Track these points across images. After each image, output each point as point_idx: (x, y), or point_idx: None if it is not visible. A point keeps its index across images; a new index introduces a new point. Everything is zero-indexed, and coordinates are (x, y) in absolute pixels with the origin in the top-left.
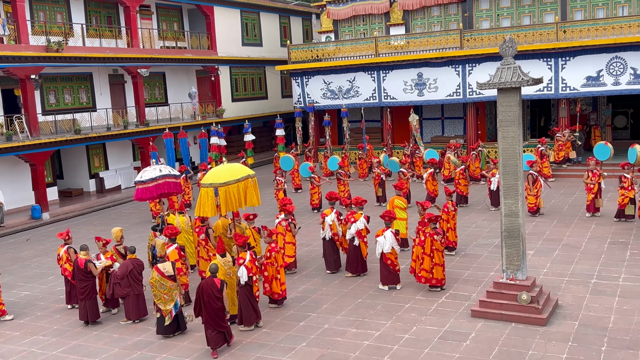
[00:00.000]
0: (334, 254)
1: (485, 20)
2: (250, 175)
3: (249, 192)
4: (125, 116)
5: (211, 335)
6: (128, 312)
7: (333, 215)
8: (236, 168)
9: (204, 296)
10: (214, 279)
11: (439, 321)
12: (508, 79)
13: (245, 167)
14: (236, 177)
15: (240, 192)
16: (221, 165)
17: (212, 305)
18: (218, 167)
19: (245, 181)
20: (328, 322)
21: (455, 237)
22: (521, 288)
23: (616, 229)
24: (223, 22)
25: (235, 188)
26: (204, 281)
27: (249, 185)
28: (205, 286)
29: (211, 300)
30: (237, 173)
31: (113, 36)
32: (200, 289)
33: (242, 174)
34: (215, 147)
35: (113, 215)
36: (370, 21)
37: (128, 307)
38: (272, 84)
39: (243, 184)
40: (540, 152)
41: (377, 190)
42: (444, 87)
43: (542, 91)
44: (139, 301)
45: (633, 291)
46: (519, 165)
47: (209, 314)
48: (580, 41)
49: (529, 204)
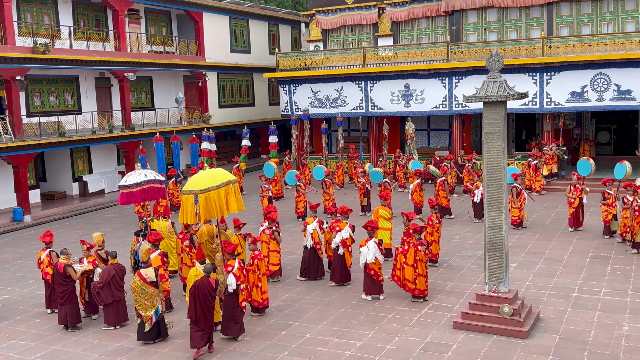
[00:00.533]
0: (315, 263)
1: (472, 34)
2: (232, 180)
3: (230, 198)
4: (111, 120)
5: (197, 335)
6: (108, 318)
7: (315, 223)
8: (217, 174)
9: (199, 295)
10: (209, 279)
11: (421, 332)
12: (494, 92)
13: (227, 172)
14: (216, 183)
15: (222, 198)
16: (203, 171)
17: (207, 304)
18: (199, 173)
19: (226, 187)
20: (310, 331)
21: (438, 250)
22: (503, 300)
23: (598, 244)
24: (212, 28)
25: (215, 194)
26: (199, 281)
27: (230, 191)
28: (201, 285)
29: (207, 299)
30: (217, 179)
31: (101, 39)
32: (196, 289)
33: (223, 180)
34: (206, 152)
35: (96, 219)
36: (358, 31)
37: (108, 312)
38: (259, 91)
39: (224, 189)
40: (535, 165)
41: (362, 199)
42: (431, 99)
43: (527, 105)
44: (120, 307)
45: (614, 306)
46: (504, 178)
47: (203, 312)
48: (565, 57)
49: (512, 216)
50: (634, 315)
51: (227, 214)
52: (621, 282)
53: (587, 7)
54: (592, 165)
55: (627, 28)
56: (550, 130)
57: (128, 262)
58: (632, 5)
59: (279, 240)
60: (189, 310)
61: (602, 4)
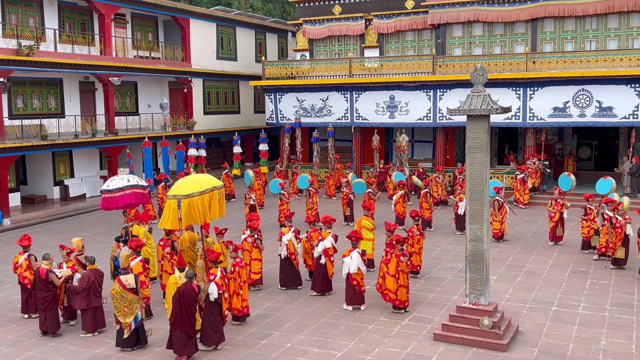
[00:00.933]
0: (291, 272)
1: (457, 47)
2: (217, 186)
3: (213, 205)
4: (94, 124)
5: (181, 341)
6: (86, 324)
7: (290, 234)
8: (202, 179)
9: (184, 301)
10: (192, 284)
11: (402, 343)
12: (478, 106)
13: (213, 178)
14: (201, 189)
15: (205, 204)
16: (188, 176)
17: (192, 309)
18: (185, 178)
19: (210, 193)
20: (290, 341)
21: (420, 261)
22: (483, 313)
23: (577, 258)
24: (198, 34)
25: (199, 200)
26: (182, 287)
27: (214, 197)
28: (185, 291)
29: (191, 304)
30: (202, 184)
31: (86, 43)
32: (181, 295)
33: (208, 186)
34: (193, 158)
35: (76, 224)
36: (345, 42)
37: (86, 319)
38: (245, 99)
39: (208, 196)
40: (522, 179)
41: (345, 209)
42: (415, 111)
43: (510, 119)
44: (97, 313)
45: (592, 320)
46: (486, 191)
47: (188, 318)
48: (548, 72)
49: (493, 229)
50: (611, 330)
51: (209, 221)
52: (600, 296)
53: (570, 24)
54: (572, 180)
55: (609, 45)
56: (533, 144)
57: (108, 267)
58: (614, 24)
59: (261, 248)
60: (174, 317)
61: (586, 21)
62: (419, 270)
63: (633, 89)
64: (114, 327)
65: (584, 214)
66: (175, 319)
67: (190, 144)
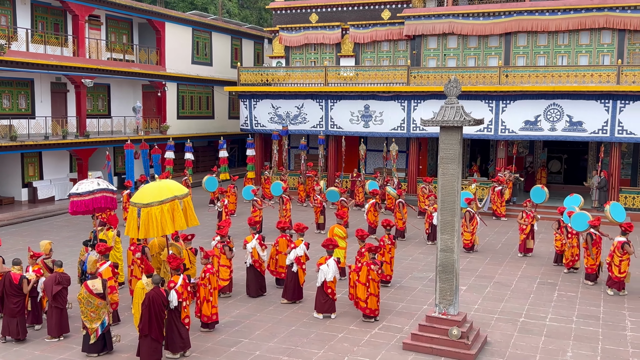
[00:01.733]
0: (255, 280)
1: (432, 59)
2: (178, 195)
3: (176, 215)
4: (65, 126)
5: (150, 349)
6: (51, 329)
7: (254, 241)
8: (164, 187)
9: (154, 307)
10: (161, 289)
11: (371, 352)
12: (451, 117)
13: (178, 185)
14: (160, 199)
15: (165, 215)
16: (153, 182)
17: (161, 314)
18: (149, 184)
19: (171, 203)
20: (260, 348)
21: (391, 271)
22: (452, 323)
23: (546, 270)
24: (174, 38)
25: (157, 210)
26: (151, 292)
27: (176, 207)
28: (155, 297)
29: (161, 310)
30: (163, 193)
31: (59, 43)
32: (150, 301)
33: (168, 195)
34: (170, 161)
35: (44, 226)
36: (321, 50)
37: (51, 323)
38: (219, 104)
39: (168, 205)
40: (499, 191)
41: (318, 217)
42: (389, 121)
43: (483, 132)
44: (62, 317)
45: (559, 331)
46: (457, 202)
47: (158, 324)
48: (521, 86)
49: (464, 240)
50: (578, 341)
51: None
52: (567, 308)
53: (543, 39)
54: (546, 193)
55: (580, 61)
56: (504, 157)
57: (75, 272)
58: (586, 40)
59: (228, 255)
60: (143, 324)
61: (558, 36)
62: (390, 280)
63: (602, 104)
64: (80, 332)
65: (558, 227)
66: (144, 325)
67: (167, 147)
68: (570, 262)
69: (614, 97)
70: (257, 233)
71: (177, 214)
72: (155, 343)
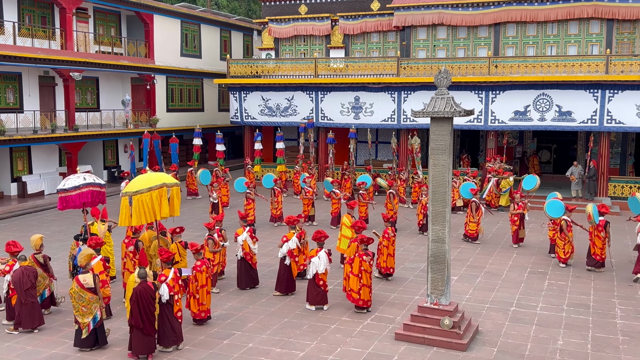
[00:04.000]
0: (247, 273)
1: (422, 50)
2: (167, 183)
3: (163, 202)
4: (54, 120)
5: (141, 342)
6: (22, 321)
7: (245, 234)
8: (153, 177)
9: (142, 301)
10: (148, 283)
11: (364, 343)
12: (441, 108)
13: (166, 175)
14: (148, 186)
15: (154, 200)
16: (145, 174)
17: (150, 309)
18: (139, 176)
19: (159, 190)
20: (253, 341)
21: (393, 263)
22: (444, 313)
23: (536, 259)
24: (162, 31)
25: (147, 197)
26: (138, 287)
27: (163, 193)
28: (142, 291)
29: (149, 304)
30: (151, 181)
31: (46, 37)
32: (138, 296)
33: (157, 182)
34: (197, 147)
35: (34, 221)
36: (311, 42)
37: (25, 317)
38: (209, 97)
39: (157, 192)
40: (496, 181)
41: (310, 209)
42: (380, 112)
43: (473, 122)
44: (34, 310)
45: (549, 320)
46: (448, 192)
47: (147, 318)
48: (510, 76)
49: (469, 230)
50: (568, 330)
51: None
52: (557, 297)
53: (532, 29)
54: (537, 180)
55: (569, 51)
56: (494, 147)
57: (67, 266)
58: (574, 30)
59: (211, 248)
60: (134, 318)
61: (547, 27)
62: (393, 273)
63: (591, 94)
64: (73, 327)
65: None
66: (136, 320)
67: (196, 134)
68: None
69: (602, 87)
70: (249, 226)
71: (164, 201)
72: (148, 337)
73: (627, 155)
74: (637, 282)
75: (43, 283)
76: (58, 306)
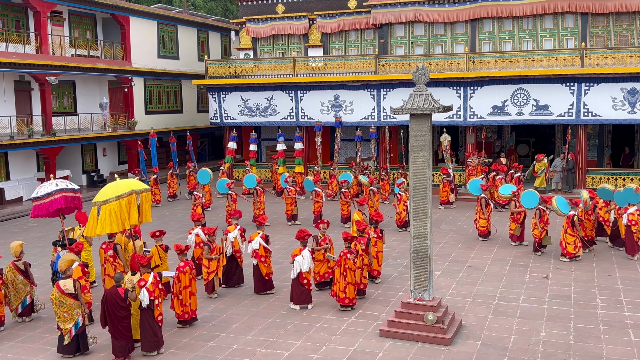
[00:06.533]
0: (233, 270)
1: (399, 47)
2: (136, 190)
3: (132, 209)
4: (31, 125)
5: (116, 345)
6: None
7: (236, 232)
8: (121, 184)
9: (108, 305)
10: (118, 288)
11: (348, 341)
12: (420, 105)
13: (136, 182)
14: (117, 194)
15: (123, 209)
16: (115, 181)
17: (117, 314)
18: (108, 184)
19: (128, 197)
20: (237, 342)
21: (379, 265)
22: (428, 308)
23: (517, 252)
24: (139, 33)
25: (116, 205)
26: (107, 291)
27: (132, 201)
28: (109, 296)
29: (115, 309)
30: (120, 189)
31: (21, 41)
32: (105, 299)
33: (125, 190)
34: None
35: (13, 228)
36: (289, 41)
37: None
38: (187, 98)
39: (125, 200)
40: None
41: (293, 208)
42: (360, 110)
43: (452, 118)
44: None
45: (532, 312)
46: (429, 188)
47: (112, 323)
48: (487, 72)
49: (480, 227)
50: (550, 321)
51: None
52: (539, 289)
53: (508, 24)
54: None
55: (545, 45)
56: (473, 142)
57: (48, 272)
58: (550, 24)
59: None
60: (100, 319)
61: (523, 22)
62: (378, 276)
63: (568, 87)
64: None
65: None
66: (102, 321)
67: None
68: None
69: (578, 80)
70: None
71: (133, 208)
72: (117, 341)
73: (604, 147)
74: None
75: (24, 290)
76: (36, 313)
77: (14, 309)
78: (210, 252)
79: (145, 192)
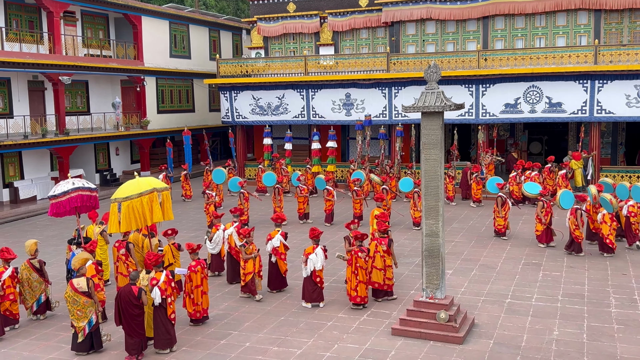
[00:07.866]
0: (232, 267)
1: (411, 45)
2: (157, 188)
3: (154, 207)
4: (44, 124)
5: (129, 342)
6: None
7: (232, 228)
8: (142, 182)
9: (122, 303)
10: (132, 287)
11: (360, 339)
12: (432, 103)
13: (155, 180)
14: (139, 191)
15: (144, 206)
16: (135, 179)
17: (130, 312)
18: (128, 181)
19: (149, 195)
20: (249, 340)
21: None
22: (440, 307)
23: (530, 251)
24: (151, 32)
25: (138, 202)
26: (121, 289)
27: (154, 198)
28: (123, 293)
29: (129, 307)
30: (141, 186)
31: (34, 41)
32: (119, 297)
33: (147, 187)
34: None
35: (27, 227)
36: (300, 40)
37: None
38: (199, 97)
39: (147, 197)
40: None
41: (306, 207)
42: (371, 108)
43: (464, 116)
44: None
45: (545, 311)
46: (440, 186)
47: (126, 320)
48: (500, 69)
49: (497, 225)
50: (564, 320)
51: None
52: (552, 288)
53: (520, 21)
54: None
55: (558, 43)
56: (485, 140)
57: (63, 270)
58: (562, 21)
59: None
60: (115, 317)
61: (535, 19)
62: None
63: (581, 85)
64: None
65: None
66: (115, 319)
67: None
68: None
69: (592, 77)
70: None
71: (155, 206)
72: (131, 338)
73: (618, 144)
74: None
75: (39, 288)
76: (53, 311)
77: (29, 307)
78: (246, 252)
79: (166, 191)
